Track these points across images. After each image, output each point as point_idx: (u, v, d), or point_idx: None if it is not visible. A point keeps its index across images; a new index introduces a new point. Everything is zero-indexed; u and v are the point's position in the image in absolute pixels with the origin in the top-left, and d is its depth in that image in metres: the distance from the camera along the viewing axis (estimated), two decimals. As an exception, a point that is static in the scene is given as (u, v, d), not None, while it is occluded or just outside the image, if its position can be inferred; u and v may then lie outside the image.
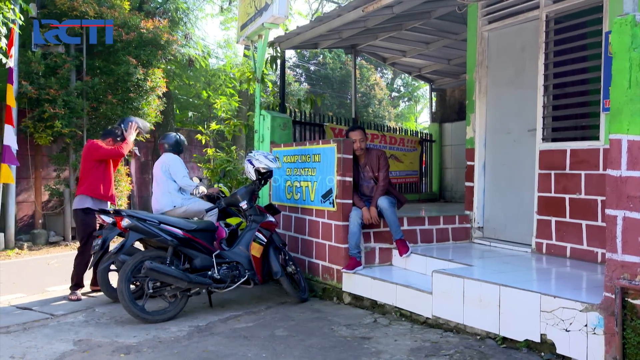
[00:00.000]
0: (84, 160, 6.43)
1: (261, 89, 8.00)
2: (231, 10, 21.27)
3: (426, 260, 5.55)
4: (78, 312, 5.48)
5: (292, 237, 6.69)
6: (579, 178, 5.22)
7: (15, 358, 4.14)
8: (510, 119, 6.17)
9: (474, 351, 4.06)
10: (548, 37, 5.60)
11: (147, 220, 5.25)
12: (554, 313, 3.80)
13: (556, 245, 5.45)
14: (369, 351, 4.18)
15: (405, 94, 30.51)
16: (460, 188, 10.28)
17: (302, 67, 25.48)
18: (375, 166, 5.87)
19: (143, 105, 12.00)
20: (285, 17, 6.83)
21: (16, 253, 10.00)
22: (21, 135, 10.69)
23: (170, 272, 5.02)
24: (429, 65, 10.98)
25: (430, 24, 8.31)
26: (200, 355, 4.15)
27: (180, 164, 6.43)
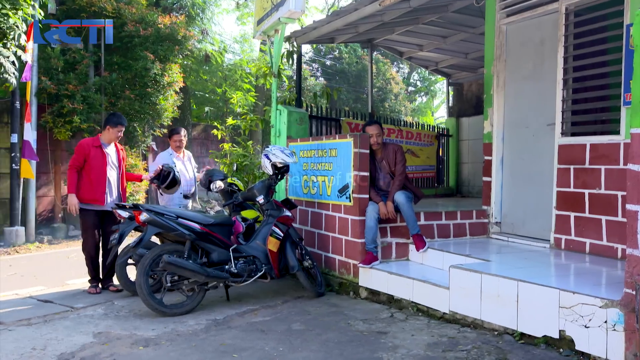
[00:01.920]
0: None
1: (277, 83, 8.01)
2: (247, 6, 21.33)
3: (443, 256, 5.52)
4: (97, 305, 5.55)
5: (309, 231, 6.70)
6: (599, 173, 5.15)
7: (37, 349, 4.20)
8: (529, 113, 6.11)
9: (492, 347, 4.04)
10: (568, 30, 5.53)
11: (165, 214, 5.29)
12: (573, 309, 3.76)
13: (575, 241, 5.39)
14: (385, 346, 4.17)
15: (422, 89, 30.34)
16: (477, 183, 10.22)
17: (318, 62, 25.45)
18: (392, 161, 5.85)
19: (160, 100, 12.10)
20: (302, 11, 6.82)
21: (37, 247, 10.15)
22: (40, 130, 10.84)
23: (188, 266, 5.06)
24: (446, 59, 10.91)
25: (448, 17, 8.25)
26: (218, 349, 4.18)
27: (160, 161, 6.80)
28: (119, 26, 11.56)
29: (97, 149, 6.12)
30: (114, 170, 6.25)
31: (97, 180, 6.05)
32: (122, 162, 6.42)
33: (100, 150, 6.13)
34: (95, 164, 6.06)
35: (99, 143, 6.17)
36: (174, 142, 6.95)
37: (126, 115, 11.65)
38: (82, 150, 6.06)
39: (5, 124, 10.80)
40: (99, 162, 6.09)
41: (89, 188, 6.02)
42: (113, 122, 6.20)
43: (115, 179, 6.25)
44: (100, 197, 6.07)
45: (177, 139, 6.94)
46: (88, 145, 6.09)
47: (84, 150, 6.06)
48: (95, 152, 6.09)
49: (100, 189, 6.07)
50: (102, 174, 6.10)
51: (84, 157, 6.04)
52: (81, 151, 6.05)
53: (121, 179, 6.35)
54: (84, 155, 6.04)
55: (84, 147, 6.08)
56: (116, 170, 6.28)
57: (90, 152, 6.06)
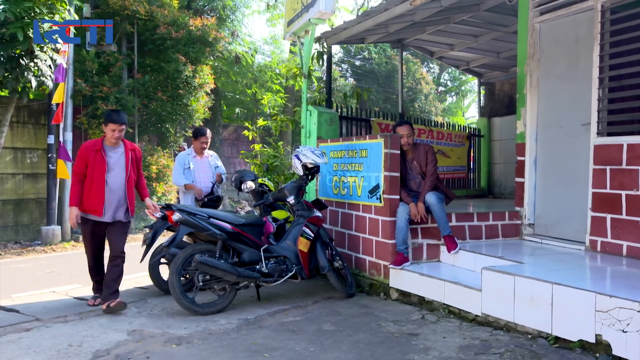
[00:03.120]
0: None
1: (308, 84, 8.03)
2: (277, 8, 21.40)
3: (475, 257, 5.46)
4: (131, 304, 5.63)
5: (339, 232, 6.70)
6: (637, 174, 5.03)
7: (73, 346, 4.29)
8: (563, 113, 6.00)
9: (526, 350, 3.98)
10: (604, 28, 5.41)
11: (197, 214, 5.35)
12: (610, 313, 3.68)
13: (611, 243, 5.27)
14: (417, 348, 4.15)
15: (453, 88, 30.07)
16: (509, 184, 10.08)
17: (347, 63, 25.42)
18: (423, 161, 5.81)
19: (192, 101, 12.25)
20: (332, 12, 6.83)
21: (72, 245, 10.38)
22: (76, 131, 11.09)
23: (220, 266, 5.11)
24: (478, 58, 10.78)
25: (479, 16, 8.16)
26: (249, 348, 4.21)
27: (176, 161, 6.93)
28: (152, 28, 11.76)
29: (97, 153, 5.36)
30: (118, 177, 5.42)
31: (95, 188, 5.32)
32: (133, 165, 5.57)
33: (99, 155, 5.35)
34: (93, 170, 5.32)
35: (100, 146, 5.40)
36: (201, 143, 6.95)
37: (158, 117, 11.86)
38: (82, 154, 5.38)
39: (42, 125, 11.08)
40: (97, 168, 5.33)
41: (87, 196, 5.33)
42: (105, 120, 5.46)
43: (119, 187, 5.42)
44: (98, 207, 5.32)
45: (204, 140, 6.97)
46: (88, 149, 5.38)
47: (84, 154, 5.36)
48: (94, 157, 5.34)
49: (98, 198, 5.31)
50: (100, 182, 5.32)
51: (85, 163, 5.33)
52: (82, 156, 5.38)
53: (128, 186, 5.49)
54: (84, 160, 5.34)
55: (83, 151, 5.38)
56: (123, 177, 5.44)
57: (89, 156, 5.34)
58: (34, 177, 11.10)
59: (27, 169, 11.01)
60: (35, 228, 10.98)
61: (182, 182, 6.78)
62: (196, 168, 6.85)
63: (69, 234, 10.78)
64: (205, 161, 6.99)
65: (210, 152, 7.19)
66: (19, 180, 10.97)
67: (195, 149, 6.96)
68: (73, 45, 10.62)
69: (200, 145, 6.95)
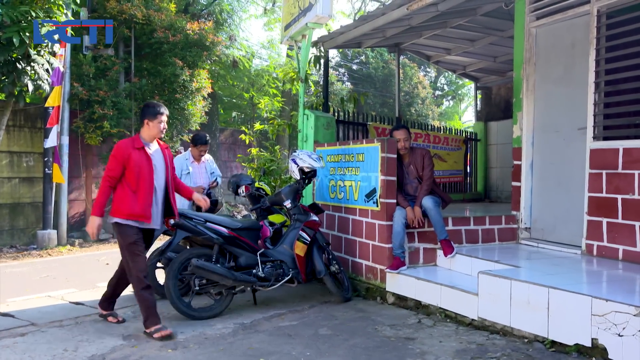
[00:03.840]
0: None
1: (304, 88, 8.03)
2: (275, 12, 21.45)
3: (471, 261, 5.46)
4: (127, 308, 5.62)
5: (336, 236, 6.69)
6: (633, 178, 5.04)
7: (68, 351, 4.28)
8: (559, 117, 6.02)
9: (522, 354, 3.98)
10: (599, 32, 5.43)
11: (194, 218, 5.34)
12: (606, 317, 3.68)
13: (607, 247, 5.28)
14: (413, 352, 4.14)
15: (449, 93, 30.12)
16: (506, 188, 10.09)
17: (344, 67, 25.45)
18: (420, 165, 5.82)
19: (189, 105, 12.25)
20: (329, 16, 6.83)
21: (68, 249, 10.35)
22: (72, 135, 11.07)
23: (216, 270, 5.10)
24: (474, 62, 10.81)
25: (476, 21, 8.18)
26: (245, 352, 4.20)
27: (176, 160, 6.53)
28: (149, 32, 11.76)
29: (140, 151, 4.76)
30: (161, 177, 4.90)
31: (142, 191, 4.73)
32: (170, 164, 5.06)
33: (143, 153, 4.78)
34: (140, 170, 4.72)
35: (141, 144, 4.81)
36: (199, 151, 6.87)
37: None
38: (120, 154, 4.70)
39: (39, 129, 11.06)
40: (145, 168, 4.75)
41: (133, 201, 4.70)
42: (152, 113, 4.87)
43: (162, 188, 4.92)
44: (146, 212, 4.75)
45: (203, 149, 6.89)
46: (127, 148, 4.73)
47: (123, 154, 4.70)
48: (137, 156, 4.73)
49: (147, 202, 4.75)
50: (149, 184, 4.76)
51: (122, 164, 4.68)
52: (119, 156, 4.70)
53: (170, 187, 4.98)
54: (123, 162, 4.68)
55: (122, 151, 4.71)
56: (163, 177, 4.92)
57: (130, 155, 4.70)
58: (30, 181, 11.08)
59: (23, 173, 10.99)
60: (31, 232, 10.95)
61: None
62: (194, 173, 6.83)
63: (65, 238, 10.75)
64: (202, 166, 6.97)
65: (207, 155, 7.17)
66: (15, 184, 10.94)
67: (194, 155, 6.89)
68: (70, 49, 10.62)
69: (198, 153, 6.89)
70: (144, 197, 4.74)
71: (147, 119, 4.86)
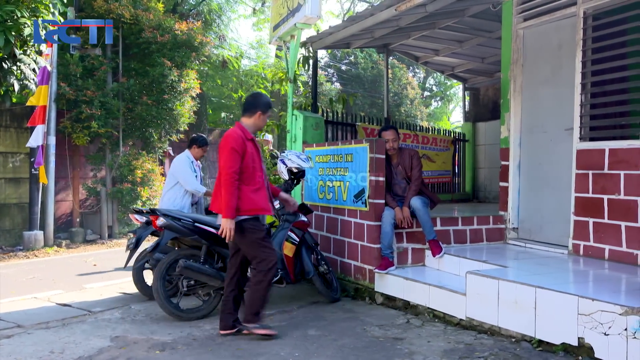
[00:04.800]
0: None
1: (293, 89, 8.03)
2: (264, 12, 21.42)
3: (460, 261, 5.49)
4: (114, 309, 5.59)
5: (325, 236, 6.69)
6: (618, 178, 5.09)
7: (55, 353, 4.24)
8: (546, 118, 6.06)
9: (509, 354, 4.00)
10: (586, 34, 5.48)
11: (182, 219, 5.32)
12: (592, 316, 3.71)
13: (594, 247, 5.32)
14: (401, 352, 4.15)
15: (438, 93, 30.24)
16: (494, 188, 10.14)
17: (333, 67, 25.46)
18: (408, 166, 5.83)
19: (177, 106, 12.20)
20: (318, 17, 6.83)
21: (55, 250, 10.27)
22: (59, 135, 10.99)
23: (205, 271, 5.08)
24: (463, 63, 10.85)
25: (464, 22, 8.22)
26: (234, 353, 4.19)
27: (185, 166, 6.37)
28: (137, 32, 11.69)
29: (251, 142, 4.60)
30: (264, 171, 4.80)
31: (261, 183, 4.60)
32: None
33: (254, 144, 4.64)
34: (254, 161, 4.55)
35: (251, 135, 4.64)
36: (203, 152, 6.70)
37: (143, 121, 11.78)
38: (239, 146, 4.45)
39: (25, 129, 10.96)
40: (257, 160, 4.61)
41: (254, 195, 4.51)
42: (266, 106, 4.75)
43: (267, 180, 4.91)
44: (268, 203, 4.66)
45: (206, 149, 6.77)
46: (242, 139, 4.49)
47: (242, 145, 4.46)
48: (251, 147, 4.56)
49: (266, 193, 4.67)
50: (263, 174, 4.68)
51: (242, 157, 4.45)
52: (239, 148, 4.44)
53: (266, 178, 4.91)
54: (242, 154, 4.45)
55: (240, 143, 4.47)
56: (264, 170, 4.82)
57: (246, 147, 4.50)
58: (16, 182, 10.98)
59: (9, 174, 10.89)
60: (17, 233, 10.85)
61: (202, 189, 6.44)
62: (198, 175, 6.72)
63: (51, 239, 10.66)
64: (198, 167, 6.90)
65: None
66: (1, 184, 10.84)
67: (196, 155, 6.65)
68: (57, 49, 10.53)
69: (201, 154, 6.71)
70: (264, 188, 4.62)
71: (261, 110, 4.68)
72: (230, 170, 4.38)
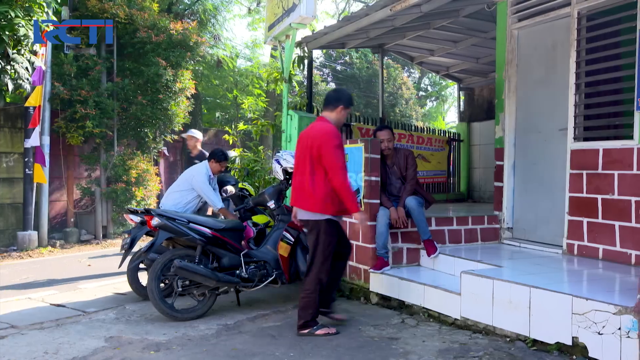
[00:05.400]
0: None
1: (288, 89, 8.03)
2: (259, 12, 21.40)
3: (454, 261, 5.50)
4: (109, 310, 5.57)
5: (319, 236, 6.67)
6: (612, 178, 5.11)
7: (49, 353, 4.23)
8: (541, 118, 6.08)
9: (504, 353, 4.01)
10: (580, 34, 5.50)
11: (177, 219, 5.31)
12: (586, 316, 3.73)
13: (588, 247, 5.34)
14: (396, 352, 4.16)
15: (433, 93, 30.28)
16: (488, 188, 10.17)
17: (329, 67, 25.47)
18: (403, 166, 5.84)
19: (172, 106, 12.16)
20: (313, 17, 6.84)
21: (49, 251, 10.22)
22: (54, 135, 10.94)
23: (199, 271, 5.07)
24: (457, 64, 10.88)
25: (459, 22, 8.24)
26: (229, 354, 4.19)
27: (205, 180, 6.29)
28: (132, 32, 11.65)
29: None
30: None
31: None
32: None
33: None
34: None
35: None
36: (221, 167, 6.54)
37: (137, 121, 11.75)
38: (341, 141, 4.49)
39: (20, 129, 10.92)
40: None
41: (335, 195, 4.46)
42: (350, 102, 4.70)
43: None
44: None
45: (225, 165, 6.64)
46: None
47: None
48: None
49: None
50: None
51: None
52: (341, 142, 4.49)
53: None
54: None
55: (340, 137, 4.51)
56: None
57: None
58: (10, 182, 10.92)
59: (3, 174, 10.83)
60: (11, 233, 10.79)
61: (220, 205, 6.32)
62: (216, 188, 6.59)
63: (45, 239, 10.61)
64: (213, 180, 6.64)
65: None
66: (-5, 184, 10.79)
67: (214, 170, 6.48)
68: (51, 48, 10.49)
69: (219, 169, 6.55)
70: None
71: (344, 104, 4.64)
72: (342, 165, 4.37)
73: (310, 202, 4.46)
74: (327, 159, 4.38)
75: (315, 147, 4.42)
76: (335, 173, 4.36)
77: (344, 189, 4.37)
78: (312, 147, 4.45)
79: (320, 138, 4.41)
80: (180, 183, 6.40)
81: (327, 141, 4.38)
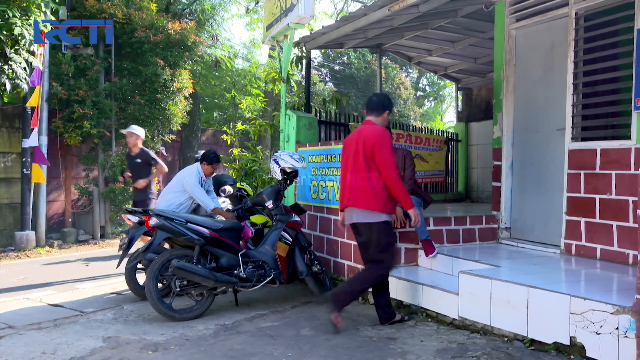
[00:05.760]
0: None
1: (286, 89, 8.02)
2: (257, 12, 21.39)
3: (452, 261, 5.50)
4: (107, 310, 5.57)
5: (318, 236, 6.69)
6: (610, 178, 5.12)
7: (47, 354, 4.22)
8: (539, 118, 6.09)
9: (502, 353, 4.01)
10: (578, 34, 5.50)
11: (175, 219, 5.31)
12: (584, 315, 3.73)
13: (586, 247, 5.35)
14: (395, 352, 4.16)
15: (431, 93, 30.29)
16: (486, 188, 10.17)
17: (327, 67, 25.46)
18: (401, 166, 5.82)
19: (170, 106, 12.16)
20: (311, 17, 6.83)
21: (47, 251, 10.21)
22: (51, 135, 10.93)
23: (197, 271, 5.07)
24: (455, 64, 10.88)
25: (457, 22, 8.24)
26: (227, 354, 4.18)
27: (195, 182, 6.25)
28: (130, 32, 11.65)
29: None
30: None
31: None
32: None
33: None
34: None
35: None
36: (213, 169, 6.52)
37: (136, 121, 11.73)
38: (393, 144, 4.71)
39: (17, 129, 10.91)
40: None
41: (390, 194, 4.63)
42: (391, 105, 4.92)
43: None
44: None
45: (217, 167, 6.61)
46: None
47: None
48: None
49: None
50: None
51: None
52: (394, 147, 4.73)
53: None
54: None
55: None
56: None
57: None
58: (8, 182, 10.91)
59: (1, 174, 10.82)
60: (9, 233, 10.78)
61: (211, 206, 6.24)
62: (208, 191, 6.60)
63: (43, 239, 10.59)
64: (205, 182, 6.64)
65: None
66: (-8, 184, 10.78)
67: (207, 172, 6.47)
68: (49, 48, 10.47)
69: (211, 171, 6.53)
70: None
71: (389, 109, 4.87)
72: (395, 166, 4.54)
73: (371, 200, 4.60)
74: (381, 158, 4.54)
75: (369, 147, 4.58)
76: (391, 172, 4.53)
77: (398, 188, 4.55)
78: (365, 147, 4.60)
79: (373, 139, 4.57)
80: (174, 184, 6.41)
81: (382, 142, 4.56)
